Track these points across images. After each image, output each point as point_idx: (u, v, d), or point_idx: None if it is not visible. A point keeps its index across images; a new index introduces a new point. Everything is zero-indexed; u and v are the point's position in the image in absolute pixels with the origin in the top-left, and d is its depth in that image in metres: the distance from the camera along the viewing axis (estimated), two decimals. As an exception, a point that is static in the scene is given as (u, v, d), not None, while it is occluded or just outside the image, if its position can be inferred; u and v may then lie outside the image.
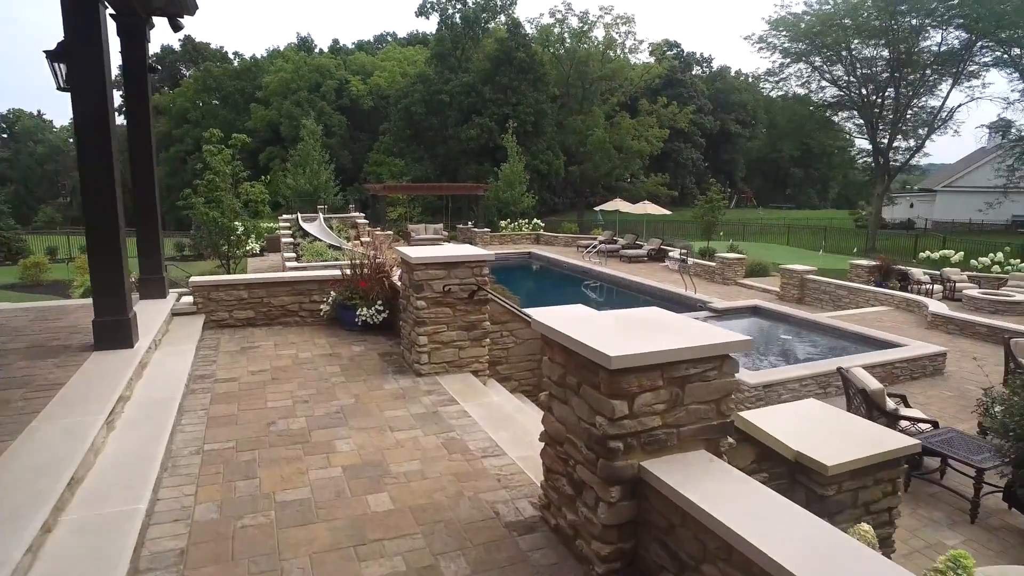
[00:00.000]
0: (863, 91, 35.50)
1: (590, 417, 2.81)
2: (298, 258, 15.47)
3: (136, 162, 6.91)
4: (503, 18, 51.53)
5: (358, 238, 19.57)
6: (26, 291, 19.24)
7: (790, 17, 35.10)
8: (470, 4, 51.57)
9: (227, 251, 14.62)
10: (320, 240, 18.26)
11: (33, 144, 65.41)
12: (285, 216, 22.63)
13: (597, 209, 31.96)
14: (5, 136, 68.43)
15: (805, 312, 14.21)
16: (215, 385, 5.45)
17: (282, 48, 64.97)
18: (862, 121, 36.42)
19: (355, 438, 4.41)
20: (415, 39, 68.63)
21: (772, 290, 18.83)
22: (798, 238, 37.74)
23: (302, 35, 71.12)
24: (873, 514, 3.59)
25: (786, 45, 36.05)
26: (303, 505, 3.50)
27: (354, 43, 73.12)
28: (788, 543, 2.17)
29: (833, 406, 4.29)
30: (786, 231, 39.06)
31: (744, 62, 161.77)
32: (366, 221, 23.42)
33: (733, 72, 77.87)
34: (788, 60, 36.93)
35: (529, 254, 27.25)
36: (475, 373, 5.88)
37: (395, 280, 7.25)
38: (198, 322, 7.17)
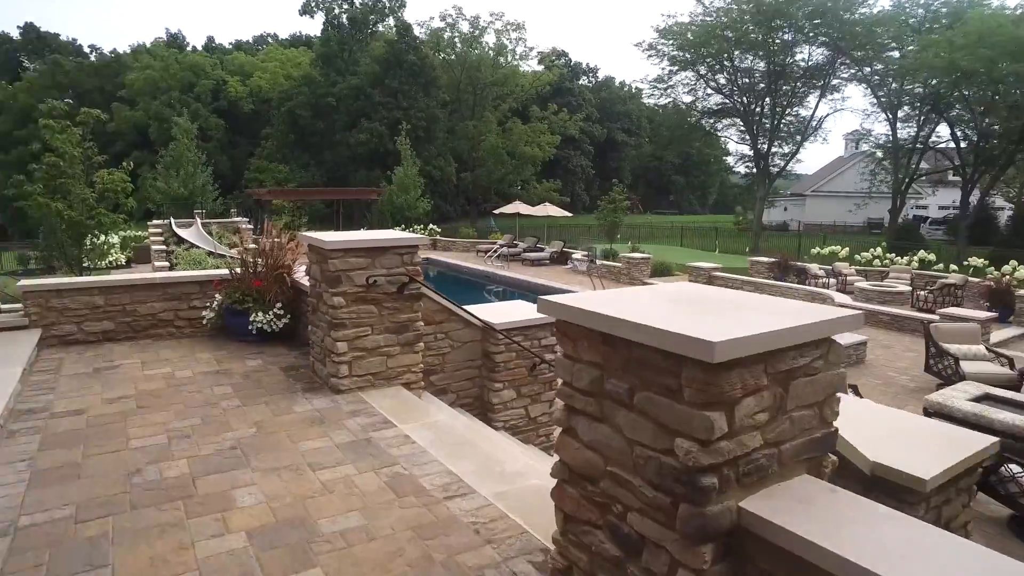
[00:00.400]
0: (744, 99, 37.33)
1: (660, 440, 1.83)
2: (172, 267, 13.40)
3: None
4: (392, 21, 50.02)
5: (242, 244, 17.49)
6: None
7: (676, 27, 36.29)
8: (357, 5, 49.61)
9: (80, 256, 11.97)
10: (199, 247, 16.11)
11: None
12: (156, 222, 19.99)
13: (497, 212, 31.29)
14: None
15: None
16: (49, 422, 3.95)
17: (148, 44, 59.40)
18: (744, 128, 38.25)
19: (263, 484, 3.16)
20: (298, 40, 65.06)
21: (678, 289, 18.75)
22: (690, 240, 39.01)
23: (172, 32, 65.38)
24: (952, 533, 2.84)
25: (674, 53, 37.24)
26: (187, 604, 2.26)
27: (231, 43, 68.31)
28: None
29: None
30: (675, 234, 40.34)
31: (628, 73, 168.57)
32: (251, 228, 21.23)
33: (618, 83, 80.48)
34: (676, 68, 38.17)
35: (426, 260, 25.97)
36: (408, 386, 4.74)
37: (299, 278, 5.94)
38: (29, 339, 5.49)
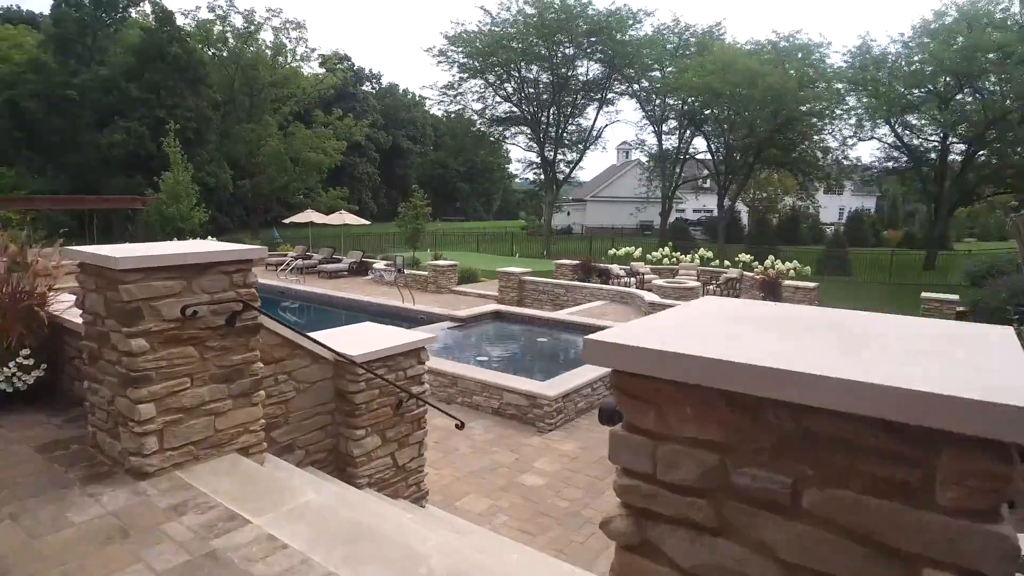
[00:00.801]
0: (531, 109, 38.90)
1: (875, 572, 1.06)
2: None
3: None
4: (148, 6, 43.78)
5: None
6: None
7: (466, 35, 36.63)
8: (100, -18, 42.64)
9: None
10: None
11: None
12: None
13: (287, 221, 28.69)
14: None
15: (548, 312, 13.98)
16: None
17: None
18: (532, 136, 39.89)
19: None
20: (17, 16, 54.11)
21: (490, 294, 18.56)
22: (485, 246, 39.61)
23: None
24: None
25: (463, 61, 37.53)
26: None
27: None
28: None
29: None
30: (468, 240, 40.96)
31: (412, 81, 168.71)
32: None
33: (402, 90, 79.86)
34: (466, 75, 38.54)
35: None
36: (247, 451, 3.45)
37: (59, 312, 4.22)
38: None
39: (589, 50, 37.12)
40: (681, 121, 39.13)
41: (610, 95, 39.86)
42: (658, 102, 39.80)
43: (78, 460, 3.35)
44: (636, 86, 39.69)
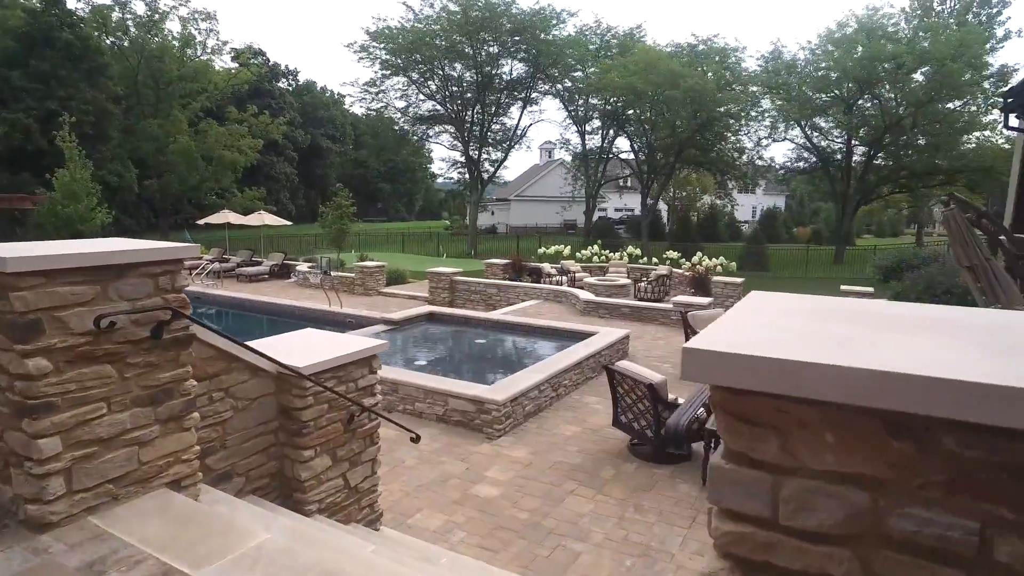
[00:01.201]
0: (455, 107, 38.42)
1: None
2: None
3: None
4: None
5: None
6: None
7: (388, 31, 35.69)
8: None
9: None
10: None
11: None
12: None
13: (203, 223, 26.99)
14: None
15: (484, 313, 13.65)
16: None
17: None
18: (456, 134, 39.40)
19: None
20: None
21: (420, 295, 18.11)
22: (411, 246, 38.82)
23: None
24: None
25: (386, 57, 36.58)
26: None
27: None
28: None
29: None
30: (392, 240, 40.14)
31: (330, 79, 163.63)
32: None
33: (320, 87, 77.46)
34: (389, 72, 37.57)
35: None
36: (179, 485, 2.95)
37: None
38: None
39: (513, 49, 37.05)
40: (604, 121, 39.73)
41: (534, 94, 40.00)
42: (581, 102, 40.25)
43: (-38, 507, 2.74)
44: (560, 86, 40.00)
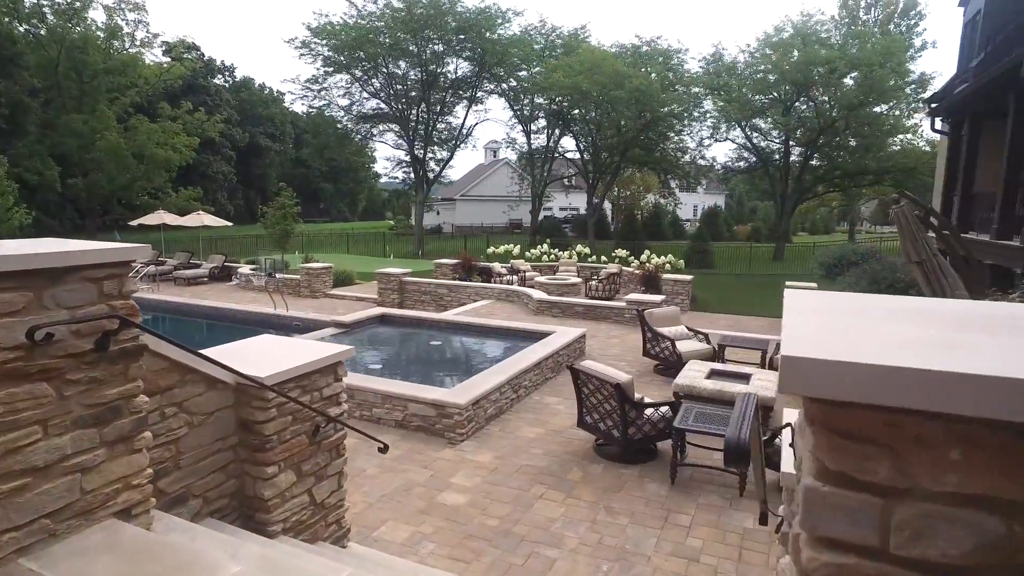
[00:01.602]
0: (400, 105, 37.78)
1: None
2: None
3: None
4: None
5: None
6: None
7: (330, 27, 34.76)
8: None
9: None
10: None
11: None
12: None
13: (136, 223, 25.63)
14: None
15: (436, 314, 13.38)
16: None
17: None
18: (401, 133, 38.78)
19: None
20: None
21: (369, 297, 17.71)
22: (356, 247, 38.02)
23: None
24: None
25: (328, 54, 35.63)
26: None
27: None
28: None
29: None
30: (336, 241, 39.29)
31: (269, 76, 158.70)
32: None
33: (258, 84, 75.08)
34: (331, 69, 36.61)
35: (38, 288, 19.79)
36: (128, 514, 2.62)
37: None
38: None
39: (458, 47, 36.71)
40: (550, 120, 39.87)
41: (480, 93, 39.75)
42: (527, 101, 40.27)
43: None
44: (505, 85, 39.90)
